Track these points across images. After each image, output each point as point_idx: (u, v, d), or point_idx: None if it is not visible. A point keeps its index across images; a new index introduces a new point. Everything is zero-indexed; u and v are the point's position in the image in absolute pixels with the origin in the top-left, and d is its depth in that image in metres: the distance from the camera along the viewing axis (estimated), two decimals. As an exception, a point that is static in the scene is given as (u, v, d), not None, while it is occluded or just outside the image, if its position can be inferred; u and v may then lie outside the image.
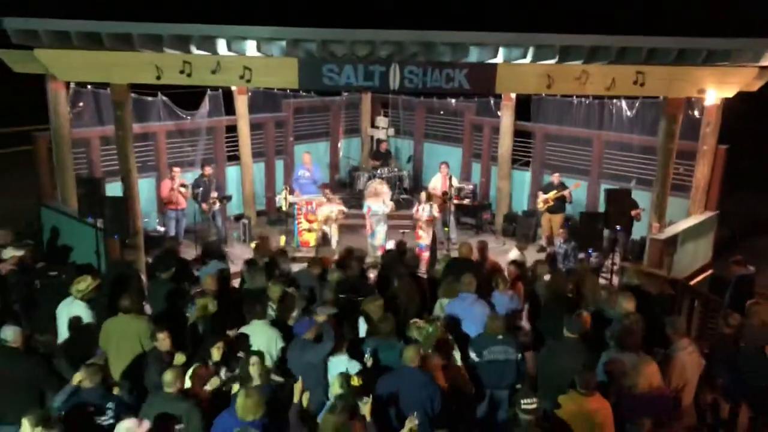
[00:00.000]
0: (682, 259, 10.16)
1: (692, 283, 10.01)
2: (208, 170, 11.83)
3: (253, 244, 10.32)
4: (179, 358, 6.10)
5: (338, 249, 10.88)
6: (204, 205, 11.72)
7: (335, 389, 5.50)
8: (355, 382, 5.55)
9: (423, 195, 11.28)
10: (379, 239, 11.26)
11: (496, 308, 7.25)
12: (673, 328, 6.44)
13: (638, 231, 11.30)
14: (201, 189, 11.70)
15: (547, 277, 8.14)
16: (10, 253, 8.62)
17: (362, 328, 6.86)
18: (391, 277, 7.91)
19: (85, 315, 6.97)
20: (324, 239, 10.38)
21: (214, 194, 11.76)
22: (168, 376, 5.46)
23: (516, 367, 6.46)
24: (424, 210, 11.13)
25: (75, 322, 6.85)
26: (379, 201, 11.31)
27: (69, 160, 10.50)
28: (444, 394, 5.74)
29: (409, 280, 7.71)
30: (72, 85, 10.64)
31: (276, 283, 7.39)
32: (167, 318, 7.11)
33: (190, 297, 7.51)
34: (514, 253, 9.49)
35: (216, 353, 6.17)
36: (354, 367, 6.01)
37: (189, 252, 10.95)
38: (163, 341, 6.23)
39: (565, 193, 11.94)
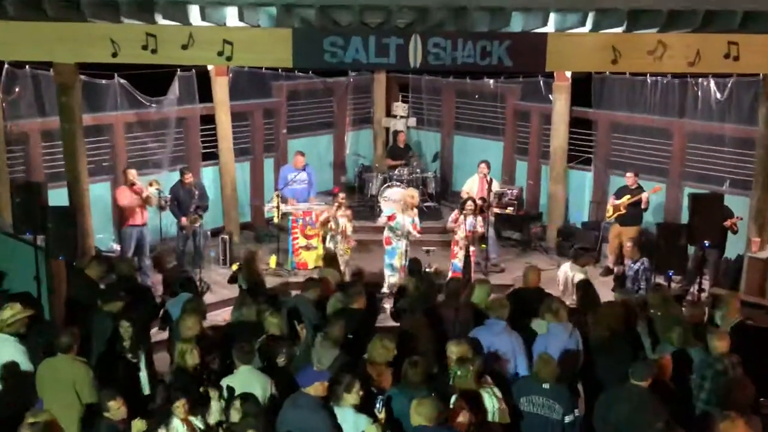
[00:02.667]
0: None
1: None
2: (189, 177, 11.78)
3: (235, 266, 10.41)
4: (138, 426, 6.16)
5: (347, 271, 10.98)
6: (184, 221, 11.66)
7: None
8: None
9: (469, 202, 11.27)
10: (399, 259, 11.20)
11: (549, 346, 7.23)
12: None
13: (733, 247, 11.26)
14: (175, 198, 11.64)
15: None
16: None
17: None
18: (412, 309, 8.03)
19: (17, 355, 7.03)
20: (330, 257, 10.32)
21: (193, 207, 11.75)
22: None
23: (561, 430, 6.43)
24: (466, 221, 11.12)
25: (7, 367, 6.93)
26: (407, 213, 11.22)
27: (1, 161, 10.59)
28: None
29: (422, 317, 7.75)
30: (5, 65, 10.72)
31: (274, 314, 7.54)
32: (108, 365, 7.20)
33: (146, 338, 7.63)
34: (579, 275, 9.49)
35: (180, 410, 6.22)
36: (362, 422, 6.04)
37: (154, 278, 10.98)
38: (117, 410, 6.25)
39: (643, 196, 11.75)
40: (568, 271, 9.79)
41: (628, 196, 11.92)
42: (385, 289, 10.91)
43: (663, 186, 12.67)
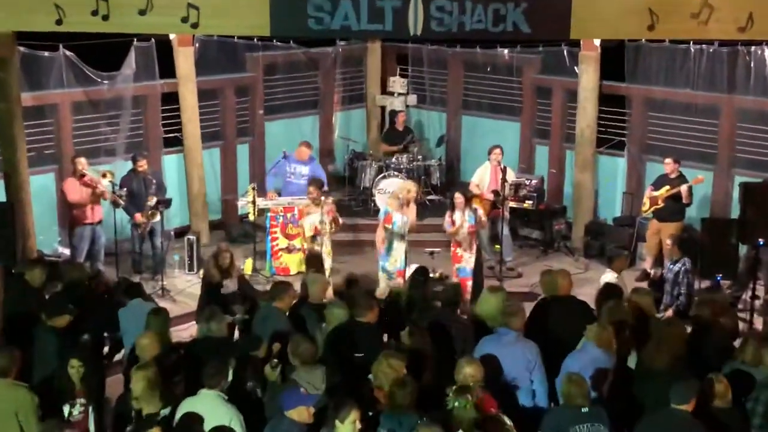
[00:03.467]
0: None
1: None
2: (143, 164, 11.74)
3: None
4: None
5: (332, 277, 10.97)
6: (138, 216, 11.65)
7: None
8: None
9: (457, 196, 11.15)
10: (396, 261, 11.21)
11: (578, 365, 7.14)
12: None
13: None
14: (126, 189, 11.54)
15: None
16: None
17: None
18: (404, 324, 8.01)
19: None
20: (312, 260, 10.28)
21: (151, 200, 11.69)
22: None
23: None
24: (462, 218, 11.01)
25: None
26: (404, 210, 11.24)
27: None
28: None
29: (424, 333, 7.69)
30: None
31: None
32: (52, 390, 7.13)
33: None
34: (608, 276, 9.44)
35: None
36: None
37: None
38: None
39: (683, 188, 11.54)
40: (610, 280, 9.41)
41: (668, 187, 11.75)
42: (377, 293, 10.85)
43: (709, 175, 12.56)
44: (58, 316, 7.79)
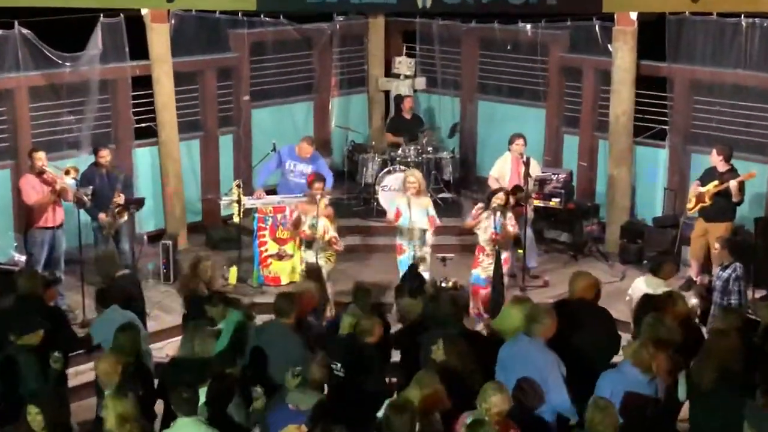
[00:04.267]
0: None
1: None
2: (105, 155, 11.54)
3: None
4: None
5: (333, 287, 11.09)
6: (102, 217, 11.48)
7: None
8: None
9: (499, 195, 11.00)
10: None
11: (610, 387, 7.10)
12: None
13: None
14: (93, 188, 11.32)
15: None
16: None
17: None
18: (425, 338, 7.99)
19: None
20: (311, 271, 10.29)
21: (119, 198, 11.49)
22: None
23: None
24: (492, 219, 10.94)
25: None
26: (408, 202, 11.20)
27: None
28: None
29: (462, 343, 7.69)
30: None
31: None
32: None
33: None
34: (641, 283, 9.46)
35: None
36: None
37: (72, 297, 10.99)
38: None
39: (732, 184, 11.37)
40: (643, 288, 9.35)
41: (716, 182, 11.59)
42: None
43: (763, 168, 12.33)
44: (28, 332, 7.68)
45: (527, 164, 11.82)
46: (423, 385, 6.74)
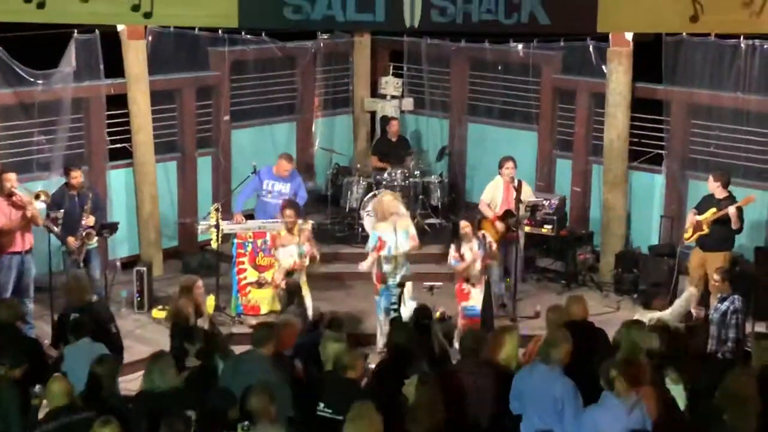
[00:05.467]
0: None
1: None
2: (77, 176, 11.61)
3: (160, 312, 10.92)
4: None
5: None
6: (71, 240, 11.51)
7: None
8: None
9: (464, 225, 11.09)
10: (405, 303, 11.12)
11: (602, 426, 7.07)
12: None
13: None
14: (63, 211, 11.40)
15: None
16: None
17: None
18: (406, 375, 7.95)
19: None
20: (291, 294, 10.47)
21: (89, 219, 11.53)
22: None
23: None
24: (472, 251, 10.98)
25: None
26: (394, 226, 11.09)
27: None
28: None
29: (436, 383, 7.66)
30: None
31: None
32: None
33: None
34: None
35: None
36: None
37: (42, 327, 11.13)
38: None
39: (730, 210, 11.32)
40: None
41: (714, 210, 11.59)
42: (379, 346, 11.02)
43: (763, 194, 12.46)
44: (17, 367, 7.68)
45: (519, 188, 11.88)
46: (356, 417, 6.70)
